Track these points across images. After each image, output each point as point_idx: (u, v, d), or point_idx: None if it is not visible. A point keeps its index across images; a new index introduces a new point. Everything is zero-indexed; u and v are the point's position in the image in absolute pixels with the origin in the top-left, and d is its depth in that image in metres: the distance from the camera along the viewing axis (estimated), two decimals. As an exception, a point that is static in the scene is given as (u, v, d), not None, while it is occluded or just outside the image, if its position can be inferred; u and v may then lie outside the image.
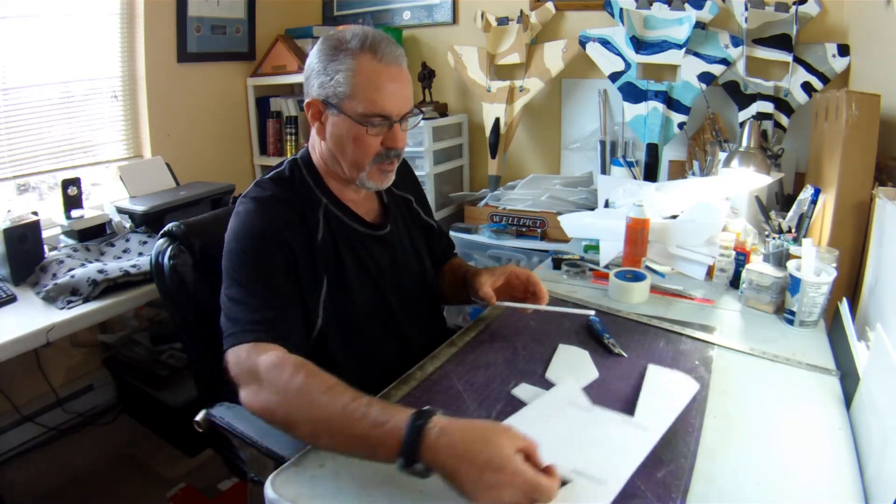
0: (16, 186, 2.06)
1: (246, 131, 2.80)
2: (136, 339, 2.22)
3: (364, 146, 0.98)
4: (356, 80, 0.94)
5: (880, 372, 0.82)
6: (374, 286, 1.07)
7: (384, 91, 0.95)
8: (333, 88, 0.95)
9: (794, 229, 1.31)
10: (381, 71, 0.95)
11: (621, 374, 1.00)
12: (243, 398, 0.85)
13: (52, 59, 2.05)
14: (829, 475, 0.76)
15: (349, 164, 1.01)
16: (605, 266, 1.50)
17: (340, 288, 1.02)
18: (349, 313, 1.03)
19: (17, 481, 1.91)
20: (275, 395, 0.80)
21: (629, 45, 2.08)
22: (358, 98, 0.94)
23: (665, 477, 0.74)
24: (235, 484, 1.80)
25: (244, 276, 0.94)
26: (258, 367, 0.83)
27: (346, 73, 0.94)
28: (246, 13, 2.62)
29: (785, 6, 1.92)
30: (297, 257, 0.97)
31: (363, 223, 1.09)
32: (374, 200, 1.15)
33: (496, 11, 2.39)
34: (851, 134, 1.40)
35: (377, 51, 0.94)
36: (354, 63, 0.94)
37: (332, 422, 0.74)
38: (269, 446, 0.97)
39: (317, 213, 1.03)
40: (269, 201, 0.99)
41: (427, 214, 1.28)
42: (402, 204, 1.21)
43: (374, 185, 1.05)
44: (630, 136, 2.27)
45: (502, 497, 0.63)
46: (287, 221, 0.98)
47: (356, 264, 1.05)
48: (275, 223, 0.97)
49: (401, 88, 0.98)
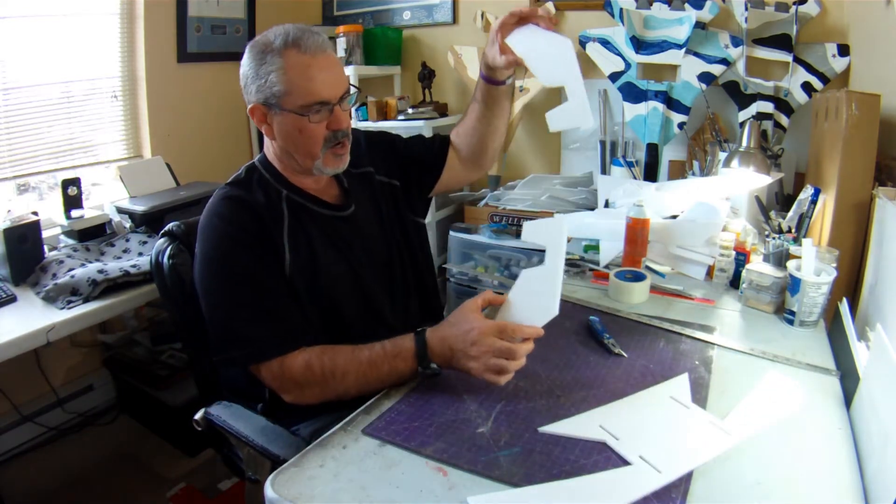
0: (16, 186, 2.06)
1: (246, 131, 2.80)
2: (136, 339, 2.22)
3: (311, 135, 1.02)
4: (288, 77, 0.98)
5: (880, 372, 0.82)
6: (346, 261, 1.11)
7: (317, 80, 0.99)
8: (269, 90, 0.99)
9: (794, 229, 1.30)
10: (309, 62, 0.99)
11: (621, 374, 1.00)
12: (293, 399, 0.99)
13: (52, 59, 2.05)
14: (829, 475, 0.76)
15: (303, 156, 1.05)
16: (605, 266, 1.50)
17: (309, 258, 1.06)
18: (321, 285, 1.06)
19: (17, 481, 1.91)
20: (318, 388, 0.98)
21: (629, 45, 2.08)
22: (294, 93, 0.99)
23: (665, 477, 0.74)
24: (235, 484, 1.80)
25: (239, 291, 1.00)
26: (294, 376, 0.97)
27: (278, 73, 0.98)
28: (246, 13, 2.62)
29: (785, 6, 1.92)
30: (262, 246, 1.02)
31: (327, 206, 1.12)
32: (335, 186, 1.18)
33: (496, 11, 2.39)
34: (851, 134, 1.40)
35: (300, 44, 0.98)
36: (282, 61, 0.98)
37: (366, 374, 0.94)
38: (266, 445, 0.97)
39: (279, 204, 1.07)
40: (228, 205, 1.04)
41: (391, 173, 1.25)
42: (364, 180, 1.21)
43: (331, 170, 1.09)
44: (630, 136, 2.27)
45: (481, 364, 0.88)
46: (251, 216, 1.03)
47: (326, 241, 1.09)
48: (241, 224, 1.02)
49: (332, 73, 1.01)
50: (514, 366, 0.88)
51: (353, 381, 0.95)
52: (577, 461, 0.77)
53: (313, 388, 0.98)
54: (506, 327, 0.89)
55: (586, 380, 0.98)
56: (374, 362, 0.94)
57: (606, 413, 0.88)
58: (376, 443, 0.82)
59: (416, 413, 0.88)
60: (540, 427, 0.84)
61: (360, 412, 0.89)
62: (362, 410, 0.89)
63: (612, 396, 0.92)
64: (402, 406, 0.90)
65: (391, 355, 0.94)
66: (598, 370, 1.01)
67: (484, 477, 0.74)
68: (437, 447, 0.80)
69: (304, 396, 0.99)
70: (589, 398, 0.92)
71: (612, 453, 0.79)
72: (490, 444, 0.80)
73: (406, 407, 0.90)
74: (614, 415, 0.87)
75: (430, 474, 0.75)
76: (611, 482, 0.73)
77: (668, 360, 1.04)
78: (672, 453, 0.78)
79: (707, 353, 1.07)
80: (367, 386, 0.95)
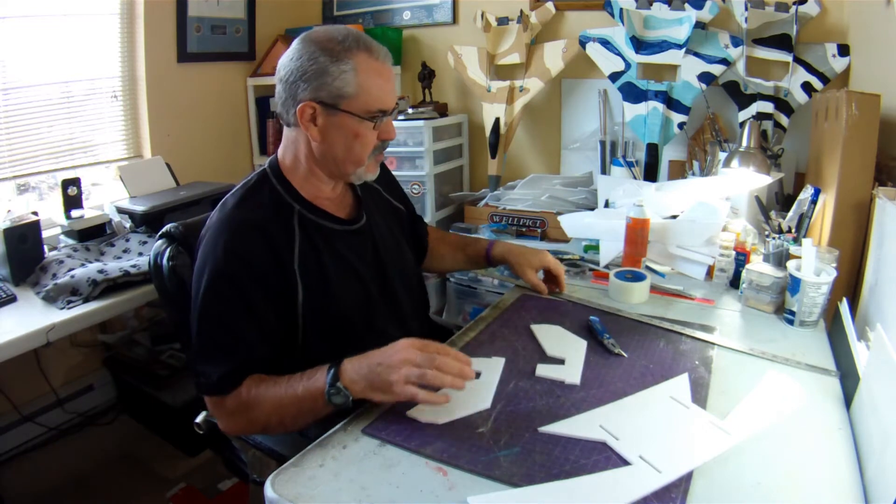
0: (16, 186, 2.06)
1: (246, 131, 2.80)
2: (136, 339, 2.22)
3: (366, 141, 1.01)
4: (360, 79, 0.96)
5: (880, 372, 0.82)
6: (359, 281, 1.09)
7: (385, 88, 1.00)
8: (337, 89, 0.96)
9: (794, 229, 1.31)
10: (381, 69, 0.99)
11: (621, 374, 1.00)
12: (223, 427, 0.98)
13: (52, 59, 2.04)
14: (829, 475, 0.76)
15: (349, 162, 1.03)
16: (605, 266, 1.50)
17: (321, 290, 1.02)
18: (333, 316, 1.04)
19: (17, 481, 1.91)
20: (243, 419, 0.94)
21: (629, 45, 2.08)
22: (363, 96, 0.97)
23: (665, 477, 0.74)
24: (235, 484, 1.80)
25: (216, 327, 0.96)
26: (228, 407, 0.95)
27: (351, 73, 0.95)
28: (246, 13, 2.62)
29: (785, 6, 1.92)
30: (270, 279, 0.98)
31: (338, 221, 1.09)
32: (349, 195, 1.17)
33: (496, 11, 2.39)
34: (851, 134, 1.40)
35: (372, 50, 0.98)
36: (355, 63, 0.96)
37: (282, 403, 0.90)
38: (273, 446, 0.97)
39: (291, 221, 1.03)
40: (239, 232, 0.98)
41: (398, 199, 1.31)
42: (374, 193, 1.24)
43: (370, 176, 1.09)
44: (630, 136, 2.27)
45: (402, 374, 0.82)
46: (262, 246, 0.98)
47: (337, 263, 1.06)
48: (248, 258, 0.96)
49: (392, 84, 1.03)
50: (434, 377, 0.82)
51: (269, 411, 0.92)
52: (577, 461, 0.77)
53: (238, 420, 0.95)
54: (429, 344, 0.86)
55: (586, 380, 0.98)
56: (293, 386, 0.90)
57: (606, 413, 0.88)
58: (376, 443, 0.82)
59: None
60: (540, 427, 0.84)
61: (360, 412, 0.89)
62: (362, 410, 0.89)
63: (612, 396, 0.92)
64: (401, 406, 0.90)
65: (307, 378, 0.89)
66: (598, 370, 1.01)
67: (484, 477, 0.74)
68: (437, 447, 0.80)
69: (231, 426, 0.97)
70: (589, 398, 0.92)
71: (612, 453, 0.79)
72: (490, 444, 0.80)
73: (406, 407, 0.89)
74: (614, 415, 0.87)
75: (430, 474, 0.75)
76: (611, 482, 0.73)
77: (668, 360, 1.04)
78: (672, 453, 0.78)
79: (707, 353, 1.07)
80: (287, 416, 0.91)
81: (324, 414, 0.89)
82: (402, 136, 2.34)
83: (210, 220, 1.03)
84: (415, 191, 2.36)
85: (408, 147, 2.34)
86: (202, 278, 0.96)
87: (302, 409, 0.89)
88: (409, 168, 2.36)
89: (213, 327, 0.96)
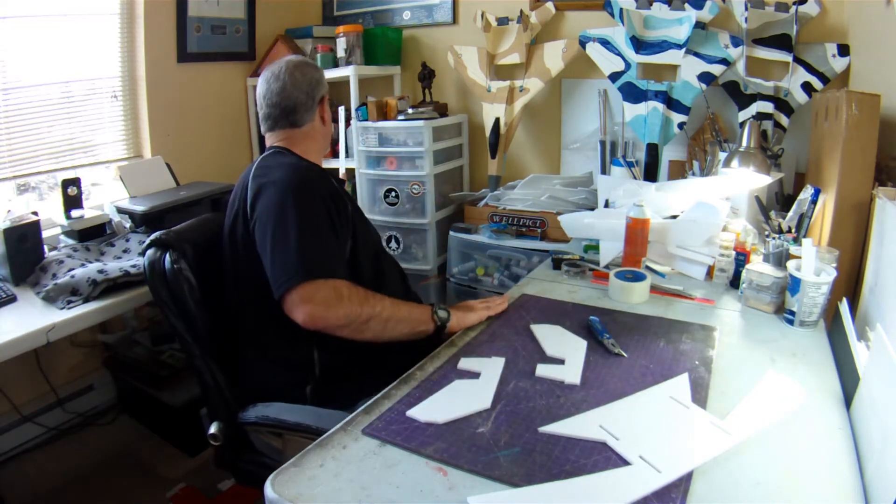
0: (16, 186, 2.06)
1: (246, 131, 2.80)
2: (136, 339, 2.22)
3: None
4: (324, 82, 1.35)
5: (880, 372, 0.82)
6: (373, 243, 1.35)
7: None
8: (324, 86, 1.33)
9: (794, 229, 1.31)
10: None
11: (621, 374, 1.00)
12: (321, 313, 1.04)
13: (52, 59, 2.04)
14: (829, 475, 0.76)
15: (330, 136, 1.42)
16: (605, 266, 1.50)
17: (363, 241, 1.26)
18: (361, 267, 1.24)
19: (17, 481, 1.91)
20: (356, 305, 1.07)
21: (629, 45, 2.08)
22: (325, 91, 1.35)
23: (665, 477, 0.74)
24: (235, 484, 1.80)
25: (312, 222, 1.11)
26: (342, 290, 1.07)
27: (323, 79, 1.34)
28: (246, 13, 2.62)
29: (785, 6, 1.92)
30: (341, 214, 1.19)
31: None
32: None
33: (496, 11, 2.39)
34: (851, 134, 1.40)
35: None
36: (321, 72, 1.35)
37: (395, 303, 1.14)
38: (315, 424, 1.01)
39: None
40: (318, 170, 1.24)
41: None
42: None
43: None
44: (630, 136, 2.27)
45: (478, 310, 1.22)
46: (332, 187, 1.22)
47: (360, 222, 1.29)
48: (329, 184, 1.21)
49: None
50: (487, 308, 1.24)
51: (382, 308, 1.10)
52: (577, 461, 0.77)
53: (347, 307, 1.06)
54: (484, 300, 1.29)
55: (586, 380, 0.98)
56: (398, 302, 1.14)
57: (606, 413, 0.88)
58: (376, 443, 0.82)
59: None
60: (540, 427, 0.84)
61: (360, 412, 0.89)
62: (362, 410, 0.89)
63: (612, 396, 0.92)
64: (401, 406, 0.90)
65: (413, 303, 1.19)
66: (598, 370, 1.01)
67: (484, 477, 0.75)
68: (437, 447, 0.80)
69: (333, 315, 1.05)
70: (589, 398, 0.92)
71: (612, 453, 0.79)
72: (490, 444, 0.80)
73: (406, 407, 0.90)
74: (614, 415, 0.87)
75: (430, 474, 0.75)
76: (611, 482, 0.73)
77: (668, 360, 1.04)
78: (672, 453, 0.78)
79: (707, 353, 1.07)
80: (396, 314, 1.12)
81: (420, 330, 1.15)
82: (402, 136, 2.34)
83: (273, 175, 1.16)
84: (415, 191, 2.36)
85: (408, 147, 2.34)
86: (286, 200, 1.11)
87: (412, 315, 1.14)
88: (409, 168, 2.36)
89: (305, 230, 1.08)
